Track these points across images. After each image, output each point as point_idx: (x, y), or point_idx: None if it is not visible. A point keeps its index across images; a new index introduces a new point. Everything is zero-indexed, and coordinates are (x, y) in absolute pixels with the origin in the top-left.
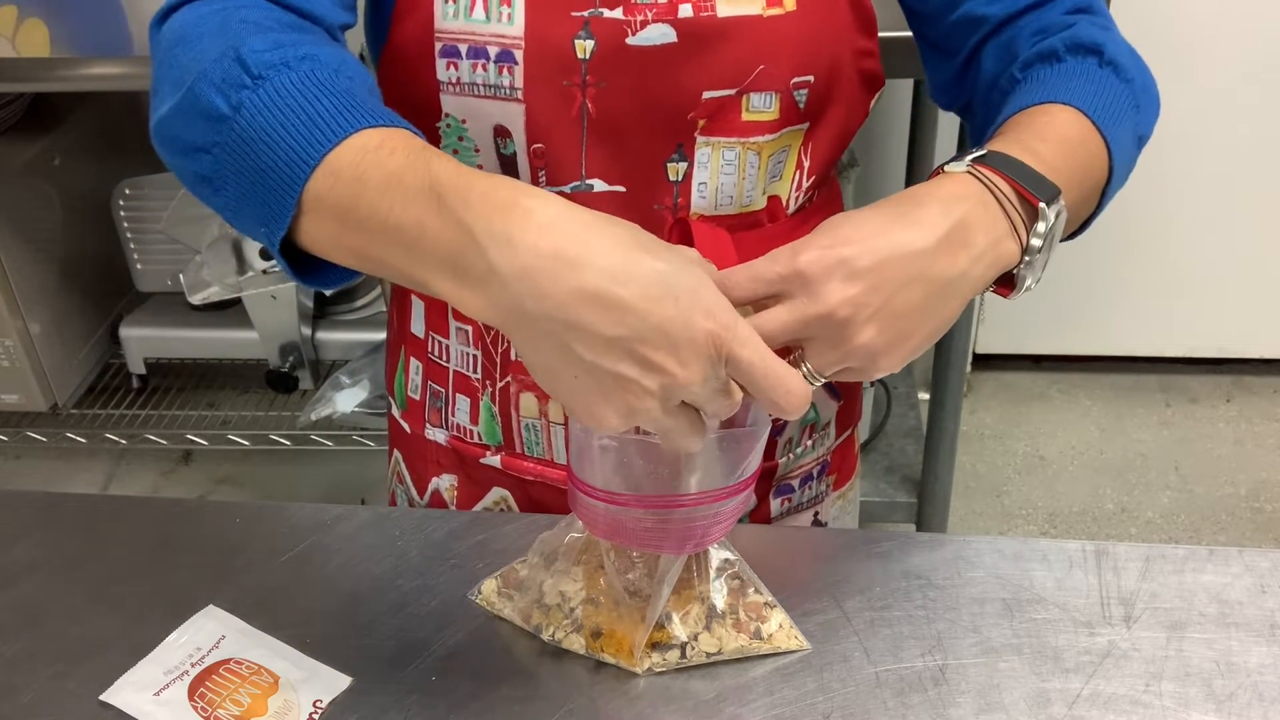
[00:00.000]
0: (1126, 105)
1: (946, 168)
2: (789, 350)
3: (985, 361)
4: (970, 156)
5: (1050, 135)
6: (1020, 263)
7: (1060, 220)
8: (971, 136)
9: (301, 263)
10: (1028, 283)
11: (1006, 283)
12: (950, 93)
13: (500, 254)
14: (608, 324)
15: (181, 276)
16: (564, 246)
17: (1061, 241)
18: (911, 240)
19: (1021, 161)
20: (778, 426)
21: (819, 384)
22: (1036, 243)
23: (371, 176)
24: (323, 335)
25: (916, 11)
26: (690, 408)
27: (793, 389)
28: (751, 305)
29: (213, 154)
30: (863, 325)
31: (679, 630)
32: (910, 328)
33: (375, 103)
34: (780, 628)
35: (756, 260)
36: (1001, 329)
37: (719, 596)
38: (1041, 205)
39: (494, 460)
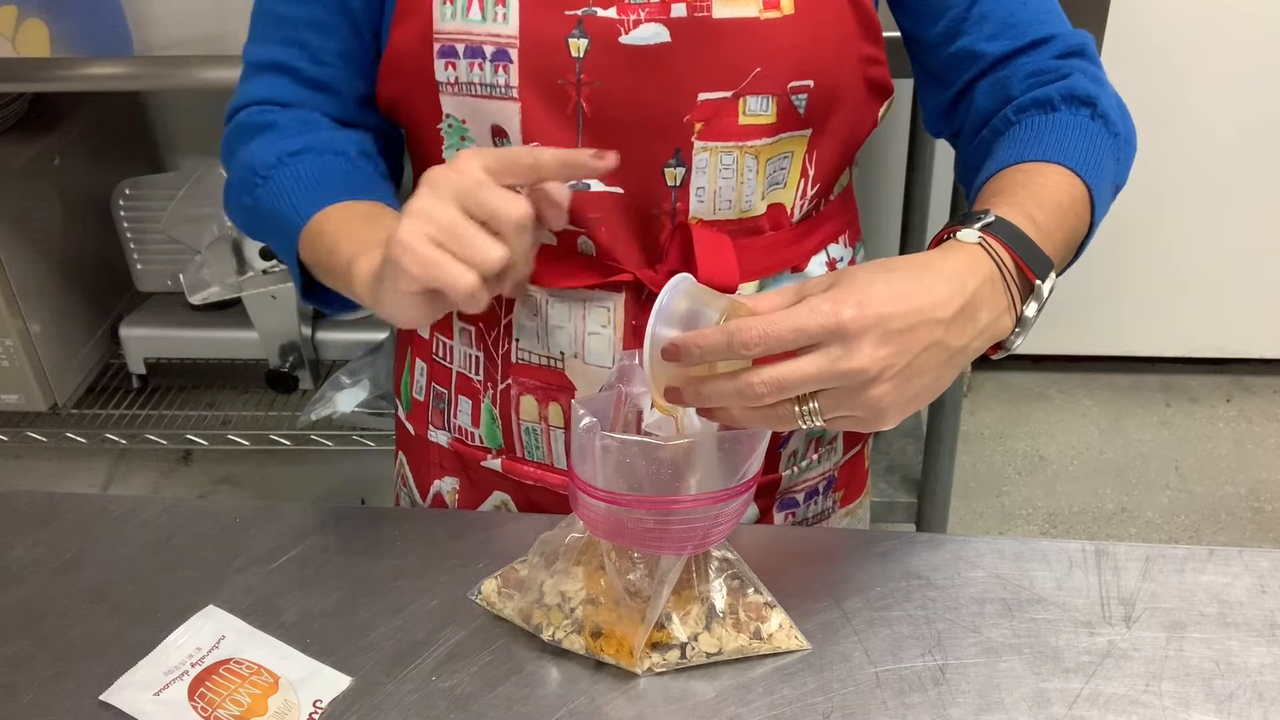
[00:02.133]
0: (1110, 159)
1: (959, 235)
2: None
3: (985, 361)
4: (979, 224)
5: (1047, 202)
6: (1012, 333)
7: (1052, 293)
8: (959, 164)
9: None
10: (1015, 344)
11: (994, 345)
12: (941, 121)
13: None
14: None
15: (181, 276)
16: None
17: None
18: (935, 310)
19: (1025, 234)
20: (782, 438)
21: (817, 423)
22: (1030, 315)
23: (323, 239)
24: (323, 335)
25: (917, 39)
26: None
27: None
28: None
29: (257, 232)
30: (883, 383)
31: (679, 630)
32: (918, 390)
33: (333, 182)
34: (780, 628)
35: (795, 311)
36: None
37: (719, 597)
38: (1038, 282)
39: (494, 464)
